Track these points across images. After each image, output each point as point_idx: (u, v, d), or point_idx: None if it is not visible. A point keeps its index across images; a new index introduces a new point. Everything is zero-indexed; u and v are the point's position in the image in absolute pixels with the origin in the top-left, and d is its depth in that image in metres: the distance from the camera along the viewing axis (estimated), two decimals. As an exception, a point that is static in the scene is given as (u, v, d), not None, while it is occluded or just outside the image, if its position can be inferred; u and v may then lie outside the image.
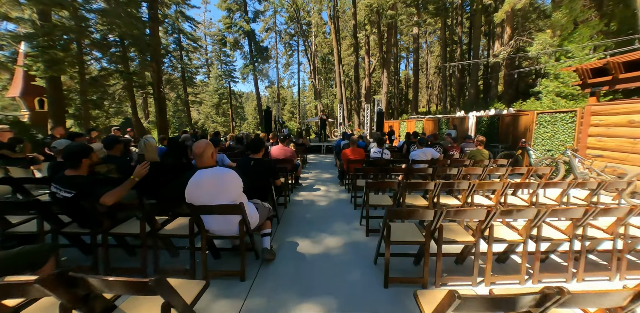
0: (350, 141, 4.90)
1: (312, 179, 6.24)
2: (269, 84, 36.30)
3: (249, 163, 2.91)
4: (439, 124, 11.64)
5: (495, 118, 8.50)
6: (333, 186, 5.53)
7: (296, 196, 4.73)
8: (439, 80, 40.66)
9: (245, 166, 2.92)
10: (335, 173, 7.03)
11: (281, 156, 4.74)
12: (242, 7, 27.71)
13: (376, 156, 4.88)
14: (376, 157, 4.88)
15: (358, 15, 21.92)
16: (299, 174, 5.30)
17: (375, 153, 4.90)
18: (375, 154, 4.89)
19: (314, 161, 9.59)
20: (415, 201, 3.10)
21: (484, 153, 4.90)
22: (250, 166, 2.88)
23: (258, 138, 2.68)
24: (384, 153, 4.87)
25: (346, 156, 4.84)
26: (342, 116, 15.99)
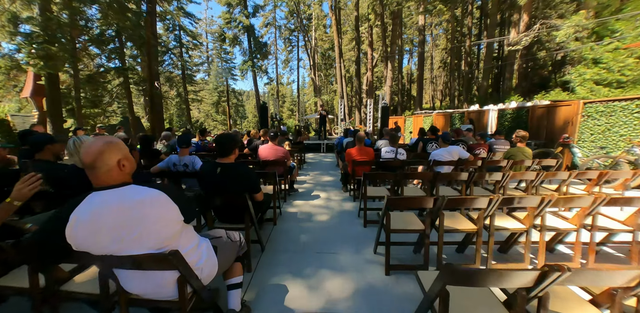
0: (356, 139, 4.00)
1: (310, 183, 5.35)
2: (268, 80, 35.26)
3: (213, 171, 2.00)
4: (451, 119, 10.68)
5: (524, 110, 7.51)
6: (335, 192, 4.64)
7: (290, 206, 3.84)
8: (444, 75, 39.50)
9: (208, 176, 2.03)
10: (337, 175, 6.13)
11: (271, 157, 3.85)
12: (241, 1, 26.70)
13: (389, 157, 3.97)
14: (389, 158, 3.98)
15: (361, 7, 20.88)
16: (294, 178, 4.43)
17: (387, 152, 3.98)
18: (388, 155, 3.98)
19: (313, 160, 8.70)
20: (460, 224, 2.20)
21: (527, 152, 3.98)
22: (216, 176, 1.98)
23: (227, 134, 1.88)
24: (399, 153, 3.96)
25: (351, 157, 3.94)
26: (343, 112, 15.05)
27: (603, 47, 10.13)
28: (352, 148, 3.99)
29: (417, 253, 2.43)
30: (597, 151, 5.72)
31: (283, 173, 3.94)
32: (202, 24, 36.09)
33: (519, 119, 7.77)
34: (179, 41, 24.75)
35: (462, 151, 3.97)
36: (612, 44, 9.94)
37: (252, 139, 5.38)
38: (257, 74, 31.19)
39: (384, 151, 3.98)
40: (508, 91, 17.20)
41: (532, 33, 12.10)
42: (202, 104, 36.48)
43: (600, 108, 5.68)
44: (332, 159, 8.98)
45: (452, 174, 3.04)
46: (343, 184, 4.65)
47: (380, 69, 29.48)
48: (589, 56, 10.37)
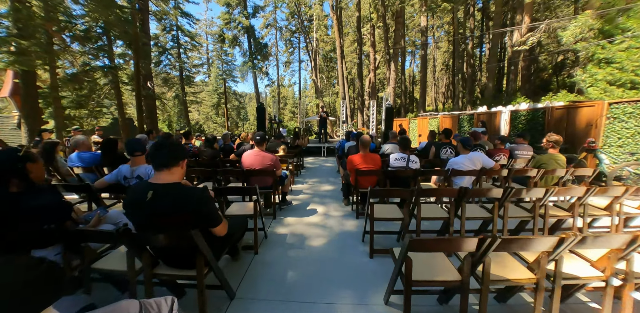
0: (360, 143, 3.34)
1: (307, 194, 4.69)
2: (269, 82, 34.84)
3: (143, 196, 1.32)
4: (458, 121, 10.01)
5: (539, 111, 6.86)
6: (335, 205, 3.97)
7: (279, 225, 3.18)
8: (446, 77, 38.97)
9: (134, 204, 1.35)
10: (338, 183, 5.46)
11: (256, 166, 3.20)
12: (241, 2, 26.36)
13: (399, 166, 3.31)
14: (399, 167, 3.31)
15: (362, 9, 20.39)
16: (286, 190, 3.77)
17: (397, 160, 3.32)
18: (398, 163, 3.32)
19: (312, 166, 8.04)
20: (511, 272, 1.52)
21: (561, 160, 3.32)
22: (146, 203, 1.32)
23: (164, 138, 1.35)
24: (411, 160, 3.30)
25: (354, 165, 3.29)
26: (345, 114, 14.42)
27: (616, 46, 9.55)
28: (354, 155, 3.34)
29: (444, 304, 1.76)
30: (626, 158, 5.08)
31: (272, 184, 3.29)
32: (202, 25, 35.88)
33: (534, 121, 7.12)
34: (176, 42, 24.34)
35: (486, 159, 3.31)
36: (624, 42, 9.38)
37: (242, 143, 4.74)
38: (257, 76, 30.77)
39: (393, 158, 3.32)
40: (513, 93, 16.57)
41: (538, 33, 11.50)
42: (201, 106, 36.09)
43: (628, 109, 5.06)
44: (333, 164, 8.33)
45: (482, 191, 2.38)
46: (344, 195, 3.99)
47: (382, 71, 28.96)
48: (600, 55, 9.79)
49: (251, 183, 3.33)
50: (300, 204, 4.06)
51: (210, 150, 4.39)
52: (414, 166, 3.28)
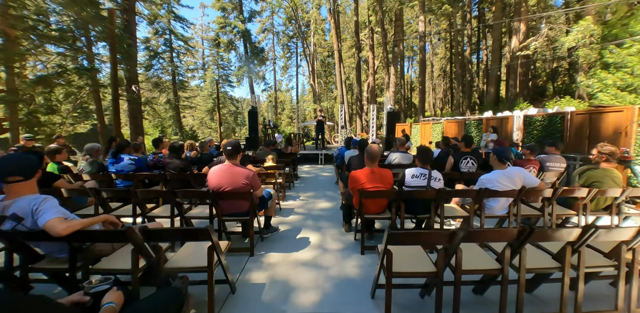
0: (366, 155, 2.53)
1: (299, 214, 3.85)
2: (266, 87, 34.26)
3: None
4: (465, 126, 9.31)
5: (557, 117, 6.16)
6: (333, 232, 3.14)
7: (257, 268, 2.33)
8: (444, 83, 38.81)
9: None
10: (337, 198, 4.64)
11: (226, 186, 2.38)
12: (237, 6, 25.97)
13: (418, 185, 2.49)
14: (418, 186, 2.50)
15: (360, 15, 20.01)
16: (270, 213, 2.93)
17: (415, 177, 2.50)
18: (416, 181, 2.50)
19: (308, 175, 7.22)
20: None
21: (617, 177, 2.57)
22: None
23: None
24: (433, 178, 2.49)
25: (358, 184, 2.47)
26: (343, 119, 13.70)
27: (625, 50, 9.10)
28: (359, 171, 2.53)
29: None
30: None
31: (249, 209, 2.47)
32: (198, 30, 35.53)
33: (551, 127, 6.41)
34: (169, 46, 23.72)
35: (528, 176, 2.53)
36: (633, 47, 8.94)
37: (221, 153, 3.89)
38: (254, 81, 30.18)
39: (410, 175, 2.51)
40: (514, 99, 16.05)
41: (540, 38, 11.02)
42: (196, 111, 35.32)
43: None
44: (331, 173, 7.52)
45: (552, 234, 1.56)
46: (344, 219, 3.16)
47: (380, 76, 28.56)
48: (609, 59, 9.32)
49: (221, 208, 2.50)
50: (290, 230, 3.22)
51: (177, 161, 3.54)
52: (437, 185, 2.47)
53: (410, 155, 4.40)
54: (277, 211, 3.95)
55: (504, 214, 2.69)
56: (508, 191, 2.40)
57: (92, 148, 3.72)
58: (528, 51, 11.36)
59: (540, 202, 2.97)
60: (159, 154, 4.42)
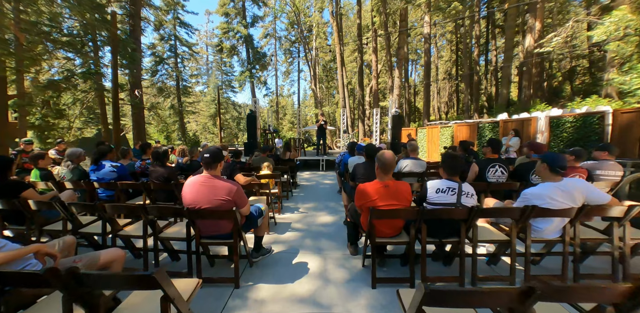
0: (378, 164, 2.03)
1: (297, 230, 3.35)
2: (268, 92, 34.13)
3: None
4: (478, 130, 8.76)
5: (594, 117, 5.59)
6: (336, 255, 2.64)
7: (242, 305, 1.84)
8: (449, 86, 38.34)
9: None
10: (339, 210, 4.15)
11: (202, 203, 1.91)
12: (240, 12, 26.10)
13: (445, 202, 1.98)
14: (445, 203, 1.99)
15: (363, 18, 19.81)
16: (262, 233, 2.46)
17: (441, 192, 1.98)
18: (443, 197, 1.99)
19: (308, 183, 6.73)
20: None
21: None
22: None
23: None
24: (465, 193, 1.97)
25: (367, 200, 1.98)
26: (345, 123, 13.25)
27: None
28: (368, 184, 2.03)
29: None
30: None
31: (233, 230, 1.99)
32: (202, 36, 35.86)
33: (586, 128, 5.77)
34: (174, 51, 23.79)
35: (593, 190, 2.02)
36: None
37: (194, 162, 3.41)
38: (255, 86, 30.09)
39: (434, 189, 2.00)
40: (527, 100, 15.45)
41: (563, 32, 10.44)
42: (199, 116, 35.33)
43: None
44: (333, 180, 7.03)
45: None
46: (350, 240, 2.65)
47: (383, 80, 28.23)
48: None
49: (199, 228, 2.03)
50: (285, 252, 2.72)
51: (160, 169, 3.11)
52: (470, 202, 1.96)
53: (423, 162, 3.91)
54: (272, 226, 3.47)
55: (556, 238, 2.15)
56: (565, 209, 1.89)
57: (74, 153, 3.33)
58: (549, 47, 10.71)
59: (591, 219, 2.45)
60: (147, 161, 4.00)
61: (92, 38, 10.70)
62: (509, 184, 2.94)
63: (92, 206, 2.16)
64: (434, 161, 7.08)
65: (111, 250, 1.51)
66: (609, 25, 8.22)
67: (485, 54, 25.51)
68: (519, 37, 20.10)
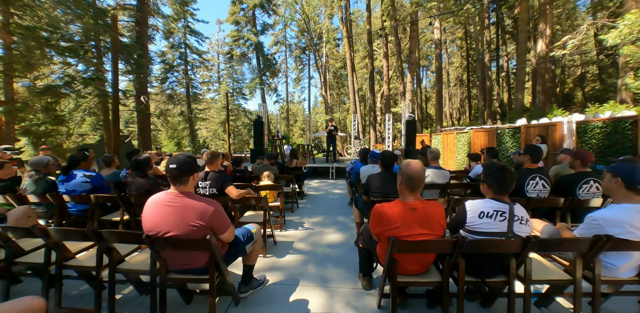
0: (403, 177, 1.49)
1: (299, 251, 2.84)
2: (278, 99, 34.27)
3: None
4: (497, 136, 8.09)
5: (627, 122, 4.94)
6: (346, 288, 2.11)
7: None
8: (460, 92, 37.46)
9: None
10: (350, 227, 3.61)
11: (168, 229, 1.44)
12: (250, 20, 26.54)
13: (492, 230, 1.44)
14: (493, 232, 1.44)
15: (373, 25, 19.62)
16: (251, 261, 1.97)
17: (487, 217, 1.45)
18: (489, 224, 1.45)
19: (316, 193, 6.22)
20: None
21: None
22: None
23: None
24: (518, 219, 1.43)
25: (388, 227, 1.46)
26: (356, 129, 12.76)
27: None
28: (388, 205, 1.51)
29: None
30: None
31: (209, 262, 1.52)
32: (214, 45, 36.69)
33: (617, 134, 5.15)
34: (184, 59, 24.26)
35: None
36: None
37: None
38: (266, 92, 30.23)
39: (476, 212, 1.46)
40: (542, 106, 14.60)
41: (579, 35, 9.76)
42: (209, 123, 35.73)
43: None
44: (343, 190, 6.50)
45: None
46: (363, 270, 2.11)
47: (395, 85, 27.78)
48: None
49: (165, 261, 1.56)
50: (282, 284, 2.21)
51: (140, 180, 2.69)
52: (524, 231, 1.41)
53: (446, 172, 3.36)
54: (271, 246, 2.97)
55: (632, 277, 1.58)
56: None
57: (39, 161, 2.92)
58: (565, 50, 10.09)
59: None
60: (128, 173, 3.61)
61: (96, 44, 10.79)
62: (552, 201, 2.36)
63: (27, 229, 1.73)
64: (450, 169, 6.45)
65: (19, 303, 1.06)
66: (623, 28, 7.64)
67: (497, 59, 24.79)
68: (530, 43, 19.42)
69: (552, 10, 13.75)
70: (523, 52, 14.77)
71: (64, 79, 9.38)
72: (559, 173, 3.05)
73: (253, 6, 24.95)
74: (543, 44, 13.79)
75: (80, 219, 3.01)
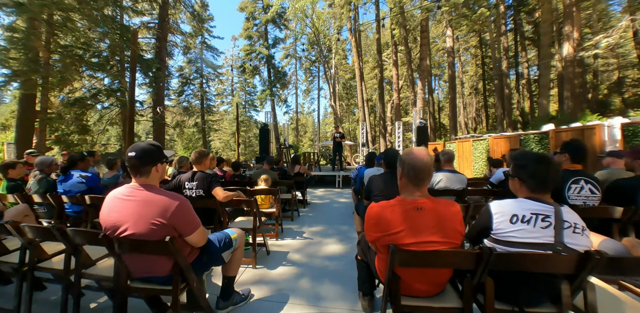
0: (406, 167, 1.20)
1: (294, 263, 2.53)
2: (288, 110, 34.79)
3: None
4: (521, 143, 7.53)
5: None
6: (342, 309, 1.78)
7: None
8: (475, 101, 36.59)
9: None
10: (353, 233, 3.27)
11: (126, 226, 1.22)
12: (263, 35, 27.62)
13: (531, 241, 1.10)
14: (531, 243, 1.10)
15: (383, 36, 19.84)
16: (231, 273, 1.70)
17: (522, 222, 1.11)
18: (527, 232, 1.10)
19: (320, 201, 5.91)
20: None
21: None
22: None
23: None
24: (569, 225, 1.09)
25: (387, 232, 1.17)
26: (365, 137, 12.48)
27: None
28: (386, 204, 1.23)
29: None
30: None
31: (172, 270, 1.27)
32: (228, 60, 38.30)
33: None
34: (200, 73, 25.36)
35: None
36: None
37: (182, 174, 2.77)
38: (276, 104, 30.79)
39: (504, 214, 1.13)
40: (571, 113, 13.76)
41: (614, 33, 9.22)
42: (222, 134, 36.62)
43: None
44: (349, 199, 6.15)
45: None
46: (363, 288, 1.78)
47: (405, 94, 27.56)
48: None
49: (125, 266, 1.33)
50: (268, 300, 1.91)
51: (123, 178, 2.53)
52: (581, 243, 1.06)
53: (462, 176, 3.01)
54: (263, 256, 2.69)
55: None
56: None
57: (44, 161, 2.91)
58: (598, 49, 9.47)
59: None
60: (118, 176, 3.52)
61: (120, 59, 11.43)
62: (606, 210, 1.93)
63: (1, 225, 1.57)
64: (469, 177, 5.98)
65: None
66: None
67: (516, 66, 24.12)
68: (555, 48, 18.75)
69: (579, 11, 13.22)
70: (546, 56, 14.20)
71: (91, 92, 9.95)
72: (608, 178, 2.40)
73: (265, 21, 26.01)
74: (570, 47, 13.09)
75: (76, 220, 2.93)
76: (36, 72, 7.21)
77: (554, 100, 21.18)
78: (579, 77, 14.16)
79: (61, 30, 8.02)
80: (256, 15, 26.62)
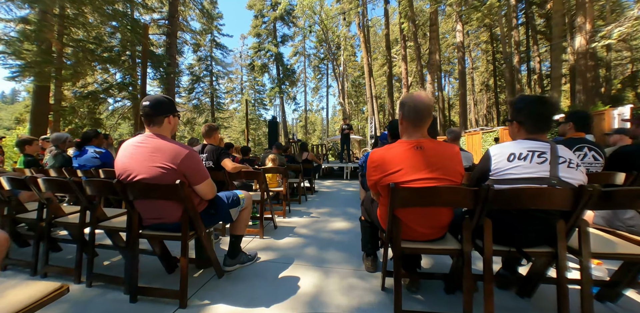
0: (403, 108, 1.21)
1: (300, 235, 2.58)
2: (296, 107, 34.93)
3: None
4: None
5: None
6: (346, 269, 1.81)
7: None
8: (486, 98, 35.74)
9: None
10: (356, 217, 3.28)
11: (136, 172, 1.29)
12: (271, 32, 27.84)
13: (527, 176, 1.11)
14: (529, 178, 1.11)
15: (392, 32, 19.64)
16: (238, 231, 1.76)
17: (519, 159, 1.10)
18: (524, 168, 1.10)
19: (328, 190, 5.95)
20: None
21: None
22: None
23: None
24: (563, 160, 1.09)
25: (387, 171, 1.19)
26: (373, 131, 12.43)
27: None
28: (387, 148, 1.25)
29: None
30: None
31: (182, 217, 1.34)
32: (237, 58, 38.78)
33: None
34: (209, 71, 25.76)
35: None
36: None
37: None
38: (285, 101, 31.00)
39: (502, 154, 1.11)
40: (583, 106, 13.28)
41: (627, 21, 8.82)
42: (231, 132, 37.16)
43: None
44: (357, 188, 6.17)
45: None
46: (366, 249, 1.81)
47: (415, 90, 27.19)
48: None
49: (137, 213, 1.40)
50: (274, 261, 1.96)
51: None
52: (576, 178, 1.07)
53: (468, 154, 2.99)
54: (271, 230, 2.75)
55: None
56: None
57: (59, 137, 3.08)
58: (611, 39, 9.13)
59: None
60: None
61: (131, 55, 11.76)
62: (608, 176, 1.89)
63: (22, 180, 1.68)
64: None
65: None
66: None
67: (527, 61, 23.45)
68: (567, 42, 18.13)
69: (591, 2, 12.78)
70: (558, 48, 13.77)
71: (103, 86, 10.29)
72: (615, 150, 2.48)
73: (274, 19, 26.18)
74: (583, 40, 12.69)
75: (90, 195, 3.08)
76: (49, 63, 7.49)
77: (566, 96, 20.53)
78: (591, 70, 13.64)
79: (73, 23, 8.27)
80: (265, 12, 26.83)
